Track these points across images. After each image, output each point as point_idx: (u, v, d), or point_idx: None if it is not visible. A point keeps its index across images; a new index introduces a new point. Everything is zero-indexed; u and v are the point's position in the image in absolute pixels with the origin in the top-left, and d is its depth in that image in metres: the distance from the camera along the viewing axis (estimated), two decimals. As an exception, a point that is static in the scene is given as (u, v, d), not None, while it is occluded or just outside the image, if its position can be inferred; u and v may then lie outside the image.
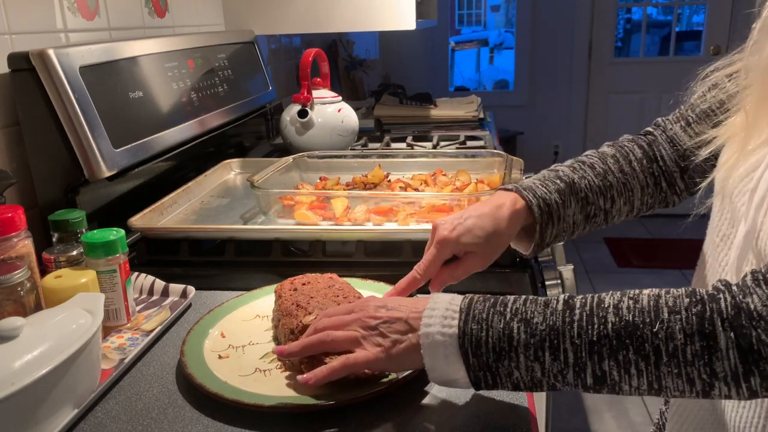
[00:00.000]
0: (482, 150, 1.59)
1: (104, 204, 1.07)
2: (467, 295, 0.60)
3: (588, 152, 0.83)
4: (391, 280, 0.90)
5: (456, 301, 0.59)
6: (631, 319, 0.52)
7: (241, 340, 0.77)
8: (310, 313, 0.72)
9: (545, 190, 0.76)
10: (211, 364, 0.71)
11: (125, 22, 1.33)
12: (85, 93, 1.00)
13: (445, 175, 1.26)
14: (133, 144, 1.09)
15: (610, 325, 0.52)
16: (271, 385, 0.68)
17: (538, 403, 0.87)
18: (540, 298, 0.57)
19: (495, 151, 1.41)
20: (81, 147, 0.98)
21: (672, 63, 4.12)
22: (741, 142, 0.64)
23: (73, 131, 0.98)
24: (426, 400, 0.66)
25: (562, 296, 0.57)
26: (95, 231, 0.82)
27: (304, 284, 0.79)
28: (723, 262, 0.66)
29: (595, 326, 0.53)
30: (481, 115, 2.28)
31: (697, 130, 0.77)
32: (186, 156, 1.31)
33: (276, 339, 0.77)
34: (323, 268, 0.86)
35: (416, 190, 1.18)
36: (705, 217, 0.75)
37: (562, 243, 0.79)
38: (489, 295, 0.60)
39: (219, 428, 0.63)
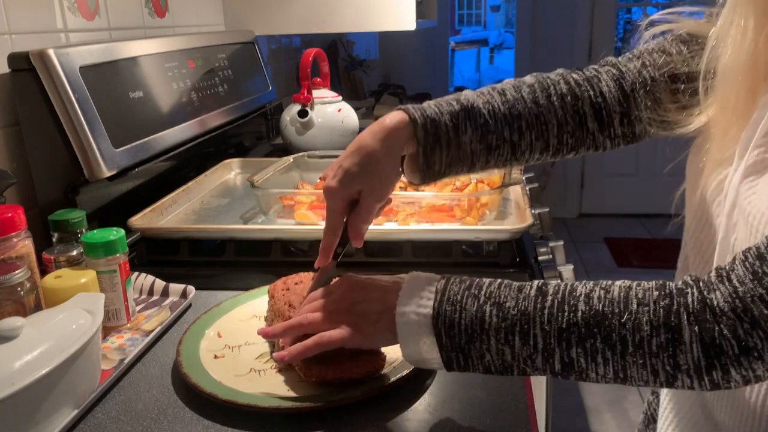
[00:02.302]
0: (482, 150, 1.59)
1: (104, 204, 1.07)
2: (444, 275, 0.61)
3: (507, 80, 0.75)
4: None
5: (433, 281, 0.60)
6: (600, 308, 0.53)
7: (238, 340, 0.77)
8: None
9: (436, 111, 0.69)
10: (207, 364, 0.71)
11: (125, 22, 1.33)
12: (85, 93, 1.00)
13: (445, 175, 1.26)
14: (133, 144, 1.09)
15: (579, 314, 0.53)
16: (265, 385, 0.68)
17: (538, 403, 0.87)
18: (515, 282, 0.58)
19: (495, 151, 1.40)
20: (81, 147, 0.98)
21: (672, 63, 4.11)
22: (712, 150, 0.63)
23: (73, 131, 0.98)
24: (424, 401, 0.66)
25: (536, 282, 0.57)
26: (95, 231, 0.82)
27: (296, 284, 0.79)
28: (707, 260, 0.66)
29: (565, 314, 0.54)
30: (481, 115, 2.27)
31: (659, 94, 0.72)
32: (186, 156, 1.31)
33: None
34: (323, 268, 0.86)
35: (416, 190, 1.18)
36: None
37: (461, 174, 0.73)
38: (466, 277, 0.60)
39: (218, 429, 0.63)
